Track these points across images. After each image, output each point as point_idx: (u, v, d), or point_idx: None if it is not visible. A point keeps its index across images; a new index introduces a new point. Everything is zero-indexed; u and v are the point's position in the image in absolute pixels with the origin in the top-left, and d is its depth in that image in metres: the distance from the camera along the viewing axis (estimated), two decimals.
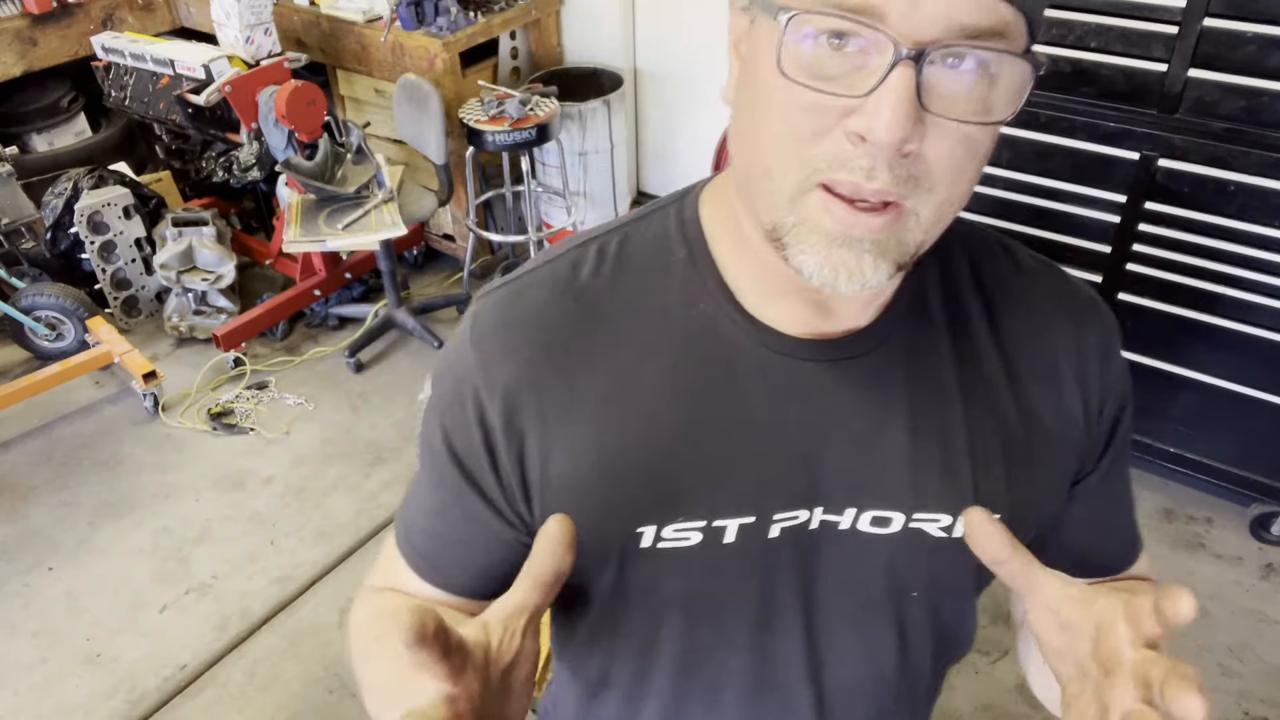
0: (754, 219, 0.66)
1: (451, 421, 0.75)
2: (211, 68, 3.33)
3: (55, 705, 2.28)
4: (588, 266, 0.75)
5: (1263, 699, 2.18)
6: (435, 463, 0.77)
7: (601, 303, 0.73)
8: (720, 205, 0.73)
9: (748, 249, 0.70)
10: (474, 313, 0.77)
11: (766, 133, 0.61)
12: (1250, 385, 2.34)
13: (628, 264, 0.74)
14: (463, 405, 0.74)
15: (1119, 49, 2.17)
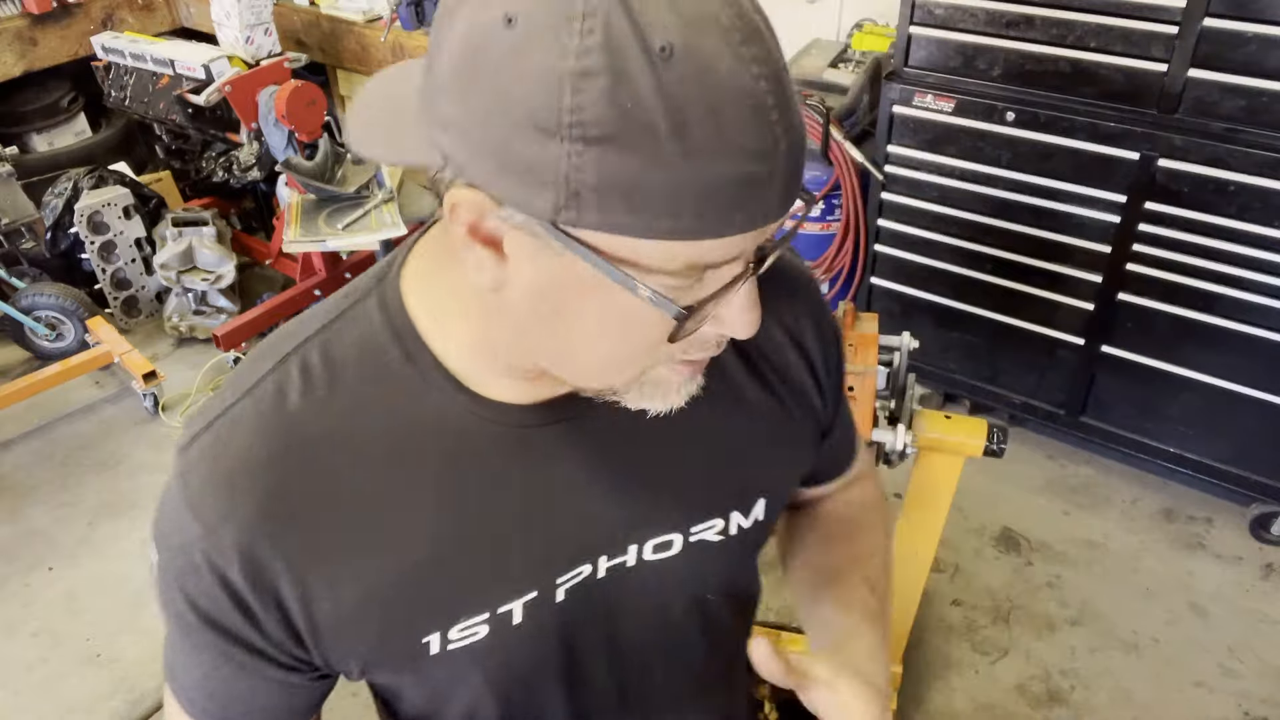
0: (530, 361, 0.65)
1: (194, 587, 0.69)
2: (211, 68, 3.33)
3: (55, 705, 2.28)
4: (295, 390, 0.68)
5: (1263, 699, 2.18)
6: (187, 629, 0.70)
7: (320, 428, 0.67)
8: (428, 291, 0.68)
9: (468, 335, 0.67)
10: (181, 472, 0.70)
11: (604, 347, 0.60)
12: (1250, 385, 2.34)
13: (339, 377, 0.68)
14: (198, 571, 0.68)
15: (1119, 49, 2.17)
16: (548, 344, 0.62)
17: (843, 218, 2.88)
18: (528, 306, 0.59)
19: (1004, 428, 1.55)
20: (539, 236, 0.54)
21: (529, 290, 0.58)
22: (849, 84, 2.81)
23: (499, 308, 0.61)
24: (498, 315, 0.62)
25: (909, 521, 1.75)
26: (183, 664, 0.74)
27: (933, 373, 2.87)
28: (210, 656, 0.71)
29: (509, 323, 0.62)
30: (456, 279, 0.65)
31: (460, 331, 0.67)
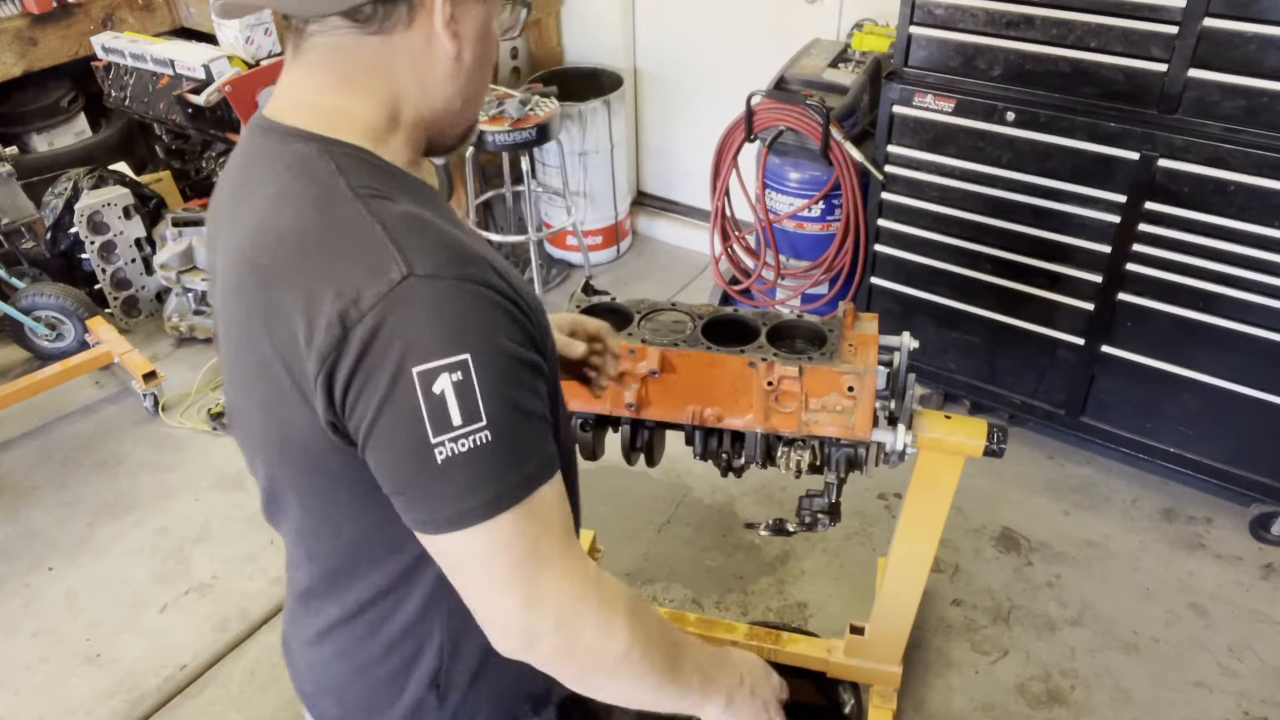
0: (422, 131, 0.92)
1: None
2: (211, 68, 3.32)
3: (55, 705, 2.28)
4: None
5: (1263, 699, 2.18)
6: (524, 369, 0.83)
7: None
8: (347, 126, 0.88)
9: (396, 134, 0.93)
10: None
11: (489, 70, 0.94)
12: (1250, 385, 2.34)
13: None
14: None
15: (1119, 49, 2.17)
16: (475, 84, 0.91)
17: (843, 218, 2.88)
18: (475, 56, 0.89)
19: (1004, 428, 1.55)
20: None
21: (474, 39, 0.88)
22: (849, 84, 2.81)
23: (454, 74, 0.88)
24: (454, 80, 0.89)
25: (909, 521, 1.75)
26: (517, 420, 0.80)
27: (933, 373, 2.87)
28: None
29: (457, 81, 0.89)
30: (386, 90, 0.87)
31: (388, 135, 0.89)
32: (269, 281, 0.80)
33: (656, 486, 2.80)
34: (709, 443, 1.58)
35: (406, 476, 0.79)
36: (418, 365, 0.74)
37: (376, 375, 0.75)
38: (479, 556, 0.80)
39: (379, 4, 0.82)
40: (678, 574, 2.53)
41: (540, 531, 0.81)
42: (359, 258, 0.76)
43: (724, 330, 1.53)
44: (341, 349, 0.75)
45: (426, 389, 0.74)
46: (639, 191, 4.10)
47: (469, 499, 0.78)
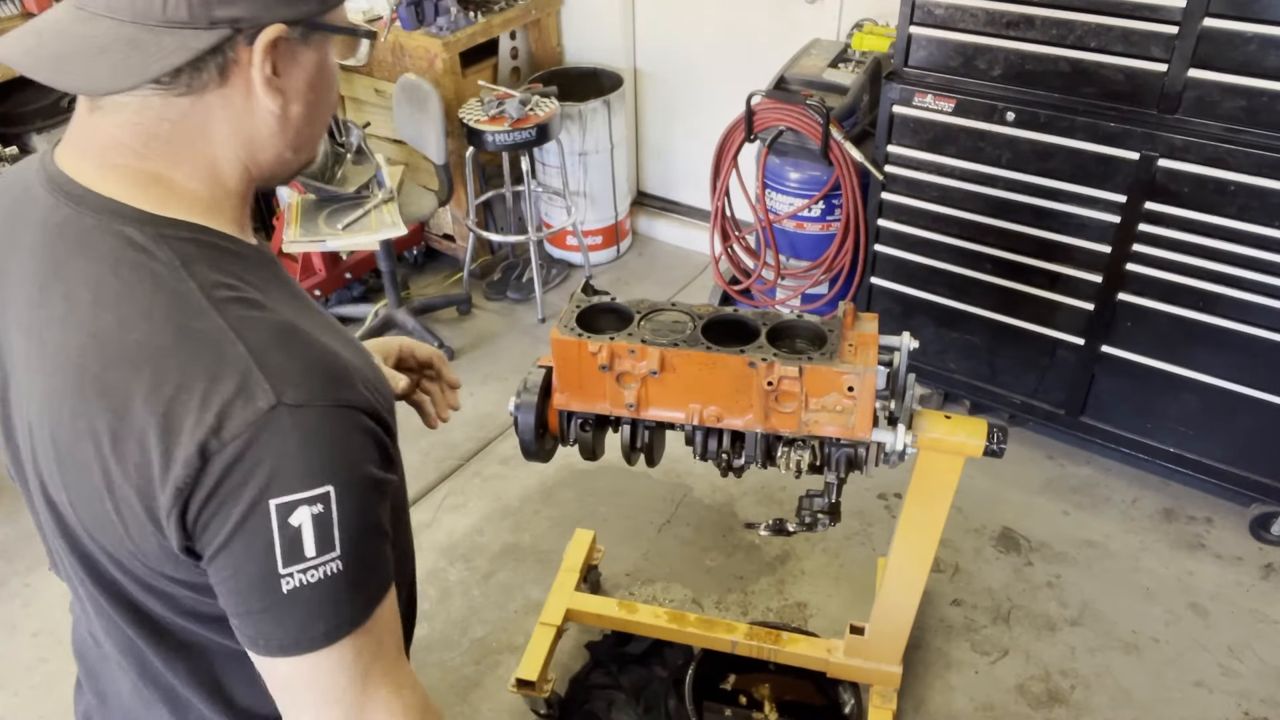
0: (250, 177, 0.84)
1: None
2: None
3: (55, 705, 2.28)
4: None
5: (1263, 699, 2.18)
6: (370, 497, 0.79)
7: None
8: (167, 192, 0.80)
9: (217, 193, 0.84)
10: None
11: (329, 110, 0.87)
12: (1250, 385, 2.34)
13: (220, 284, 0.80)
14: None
15: (1119, 49, 2.17)
16: (309, 130, 0.85)
17: (843, 218, 2.88)
18: (306, 105, 0.82)
19: (1004, 428, 1.55)
20: (308, 39, 0.79)
21: (304, 90, 0.81)
22: (849, 84, 2.81)
23: (282, 130, 0.81)
24: (283, 134, 0.82)
25: (909, 521, 1.75)
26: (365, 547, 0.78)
27: (933, 373, 2.87)
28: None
29: (286, 133, 0.82)
30: (206, 153, 0.80)
31: (218, 202, 0.82)
32: (117, 403, 0.73)
33: (656, 486, 2.80)
34: (709, 443, 1.58)
35: (249, 603, 0.75)
36: (277, 498, 0.71)
37: (231, 504, 0.71)
38: (311, 680, 0.78)
39: (182, 71, 0.74)
40: (678, 574, 2.53)
41: (376, 652, 0.79)
42: (221, 382, 0.71)
43: (724, 330, 1.53)
44: (199, 479, 0.71)
45: (283, 521, 0.71)
46: (639, 191, 4.10)
47: (311, 628, 0.75)
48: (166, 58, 0.73)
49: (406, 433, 2.92)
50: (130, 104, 0.75)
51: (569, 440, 1.64)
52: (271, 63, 0.77)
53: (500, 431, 3.03)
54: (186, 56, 0.73)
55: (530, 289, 3.62)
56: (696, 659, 2.14)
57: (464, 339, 3.48)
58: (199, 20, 0.72)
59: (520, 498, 2.80)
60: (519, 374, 3.30)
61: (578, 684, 2.25)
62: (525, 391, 1.62)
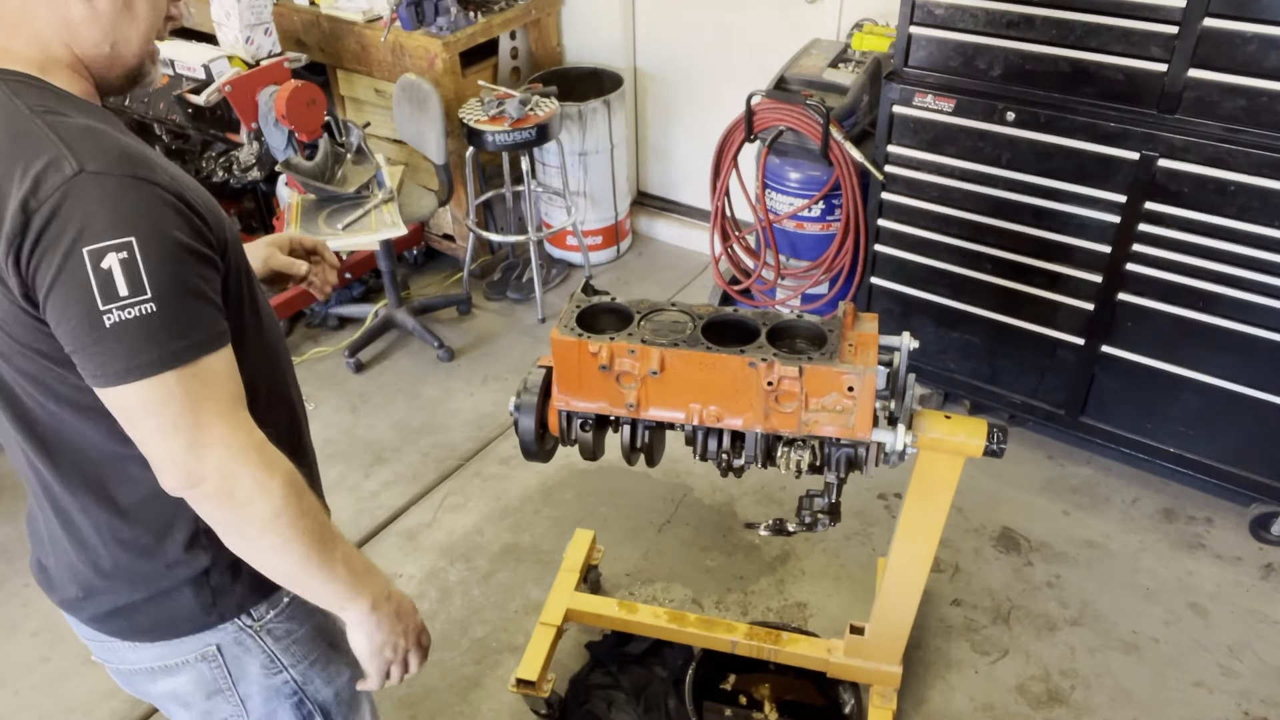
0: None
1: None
2: (211, 68, 3.32)
3: (55, 705, 2.28)
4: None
5: (1263, 699, 2.18)
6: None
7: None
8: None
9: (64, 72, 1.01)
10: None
11: (153, 14, 1.02)
12: (1250, 385, 2.34)
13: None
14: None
15: (1119, 49, 2.17)
16: (121, 32, 0.99)
17: (843, 218, 2.88)
18: (111, 3, 0.97)
19: (1004, 428, 1.55)
20: None
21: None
22: (849, 84, 2.81)
23: (91, 20, 0.97)
24: (95, 26, 0.98)
25: (909, 521, 1.75)
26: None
27: (933, 373, 2.87)
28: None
29: (105, 28, 0.98)
30: (31, 30, 0.97)
31: (51, 68, 0.99)
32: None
33: (656, 486, 2.80)
34: (709, 443, 1.58)
35: (80, 338, 0.90)
36: (87, 245, 0.87)
37: (52, 252, 0.88)
38: (147, 407, 0.92)
39: None
40: (678, 574, 2.53)
41: (205, 391, 0.94)
42: (36, 159, 0.89)
43: (724, 330, 1.53)
44: (25, 232, 0.88)
45: (95, 265, 0.87)
46: (639, 191, 4.10)
47: (137, 357, 0.90)
48: None
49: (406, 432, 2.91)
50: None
51: (569, 440, 1.64)
52: None
53: (500, 431, 3.03)
54: None
55: (530, 289, 3.62)
56: (696, 659, 2.14)
57: (464, 339, 3.48)
58: None
59: (520, 498, 2.80)
60: (519, 374, 3.31)
61: (578, 684, 2.25)
62: (525, 392, 1.62)
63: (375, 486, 2.87)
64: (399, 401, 3.20)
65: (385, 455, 2.98)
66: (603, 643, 2.32)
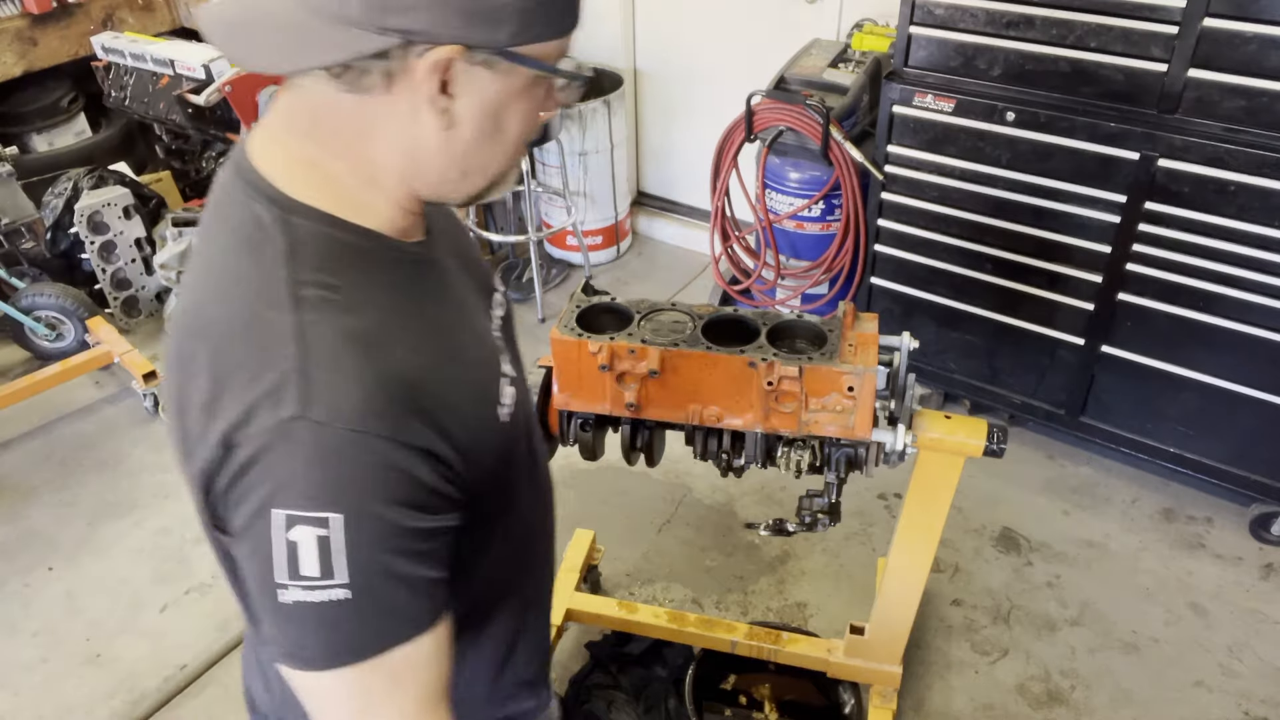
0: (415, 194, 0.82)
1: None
2: (211, 68, 3.33)
3: (55, 705, 2.28)
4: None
5: (1263, 699, 2.18)
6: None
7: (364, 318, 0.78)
8: (317, 186, 0.80)
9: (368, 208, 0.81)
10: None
11: (516, 144, 0.82)
12: (1250, 385, 2.34)
13: (344, 281, 0.78)
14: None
15: (1119, 49, 2.17)
16: (481, 158, 0.80)
17: (843, 218, 2.88)
18: (474, 130, 0.77)
19: (1004, 428, 1.55)
20: (493, 66, 0.74)
21: (477, 115, 0.76)
22: (849, 84, 2.81)
23: (445, 148, 0.77)
24: (445, 154, 0.78)
25: (909, 521, 1.75)
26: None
27: (933, 373, 2.87)
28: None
29: (451, 154, 0.78)
30: (363, 153, 0.78)
31: (366, 196, 0.80)
32: (185, 373, 0.77)
33: (656, 486, 2.80)
34: (709, 443, 1.58)
35: (258, 598, 0.76)
36: (280, 508, 0.70)
37: (244, 499, 0.72)
38: (310, 695, 0.77)
39: (348, 68, 0.72)
40: (678, 574, 2.53)
41: (389, 690, 0.76)
42: (262, 379, 0.71)
43: (724, 330, 1.53)
44: (220, 467, 0.73)
45: (284, 531, 0.70)
46: (639, 191, 4.10)
47: (306, 647, 0.74)
48: (328, 52, 0.71)
49: None
50: (306, 86, 0.76)
51: (569, 440, 1.64)
52: (442, 81, 0.73)
53: None
54: (348, 55, 0.71)
55: (530, 289, 3.62)
56: (696, 659, 2.14)
57: None
58: (369, 23, 0.69)
59: None
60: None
61: (578, 684, 2.25)
62: None
63: None
64: None
65: None
66: (603, 643, 2.32)
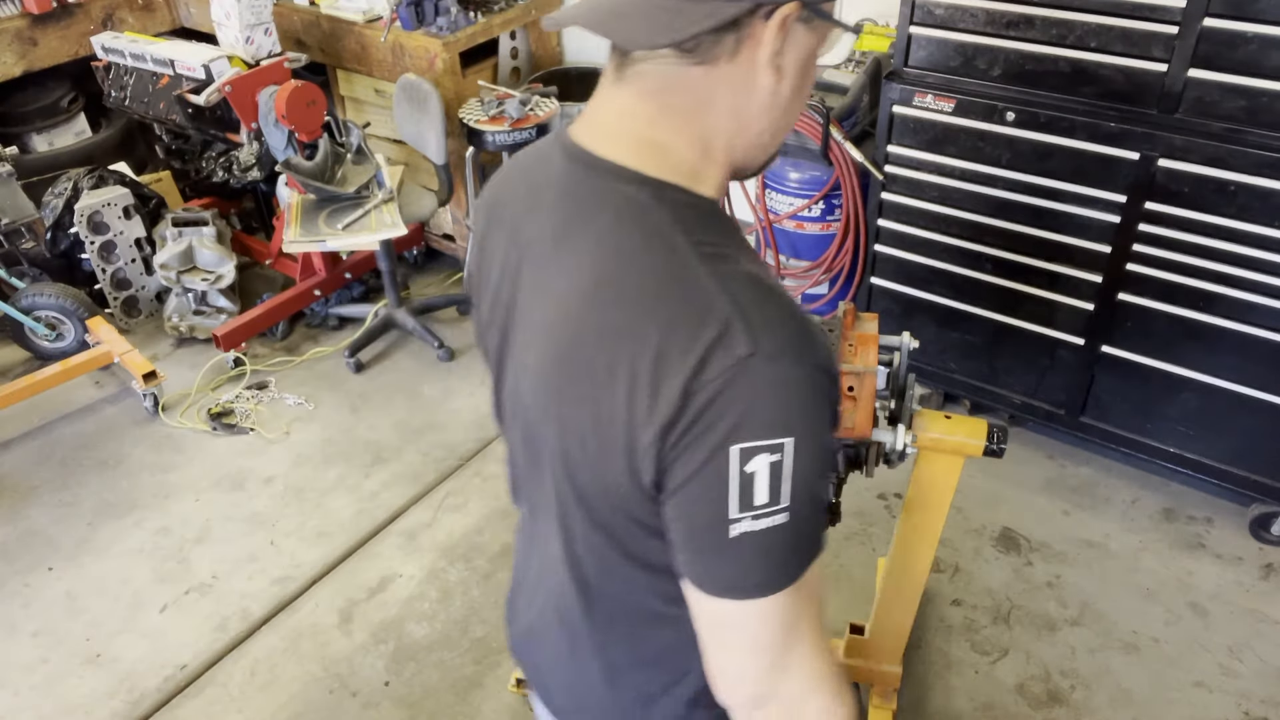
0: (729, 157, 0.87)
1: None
2: (211, 68, 3.33)
3: (55, 705, 2.28)
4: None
5: (1263, 699, 2.18)
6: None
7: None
8: (670, 156, 0.86)
9: (710, 165, 0.88)
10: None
11: (804, 101, 0.89)
12: (1250, 385, 2.34)
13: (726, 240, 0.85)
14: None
15: (1119, 49, 2.17)
16: (788, 116, 0.87)
17: (843, 218, 2.88)
18: (793, 88, 0.84)
19: (1004, 428, 1.55)
20: (809, 21, 0.81)
21: (795, 72, 0.83)
22: (849, 84, 2.81)
23: (770, 107, 0.84)
24: (768, 113, 0.85)
25: (909, 521, 1.75)
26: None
27: (933, 373, 2.87)
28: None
29: (770, 114, 0.85)
30: (703, 124, 0.84)
31: (702, 170, 0.86)
32: (611, 345, 0.79)
33: None
34: None
35: (698, 541, 0.81)
36: (740, 443, 0.75)
37: (699, 444, 0.76)
38: (743, 624, 0.83)
39: (704, 38, 0.79)
40: None
41: (801, 610, 0.84)
42: (705, 326, 0.75)
43: None
44: (679, 417, 0.76)
45: (741, 466, 0.75)
46: None
47: (751, 575, 0.80)
48: (696, 22, 0.78)
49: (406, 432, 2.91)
50: (650, 72, 0.83)
51: None
52: (780, 41, 0.80)
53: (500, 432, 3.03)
54: (712, 24, 0.78)
55: None
56: None
57: (464, 339, 3.48)
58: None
59: None
60: None
61: None
62: None
63: (375, 486, 2.87)
64: (399, 401, 3.20)
65: (385, 455, 2.98)
66: None
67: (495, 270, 0.95)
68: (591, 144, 0.87)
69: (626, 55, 0.85)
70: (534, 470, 0.96)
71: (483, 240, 0.99)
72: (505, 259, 0.93)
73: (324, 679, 2.31)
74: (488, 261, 0.97)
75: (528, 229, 0.91)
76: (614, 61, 0.87)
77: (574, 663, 1.05)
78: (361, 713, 2.23)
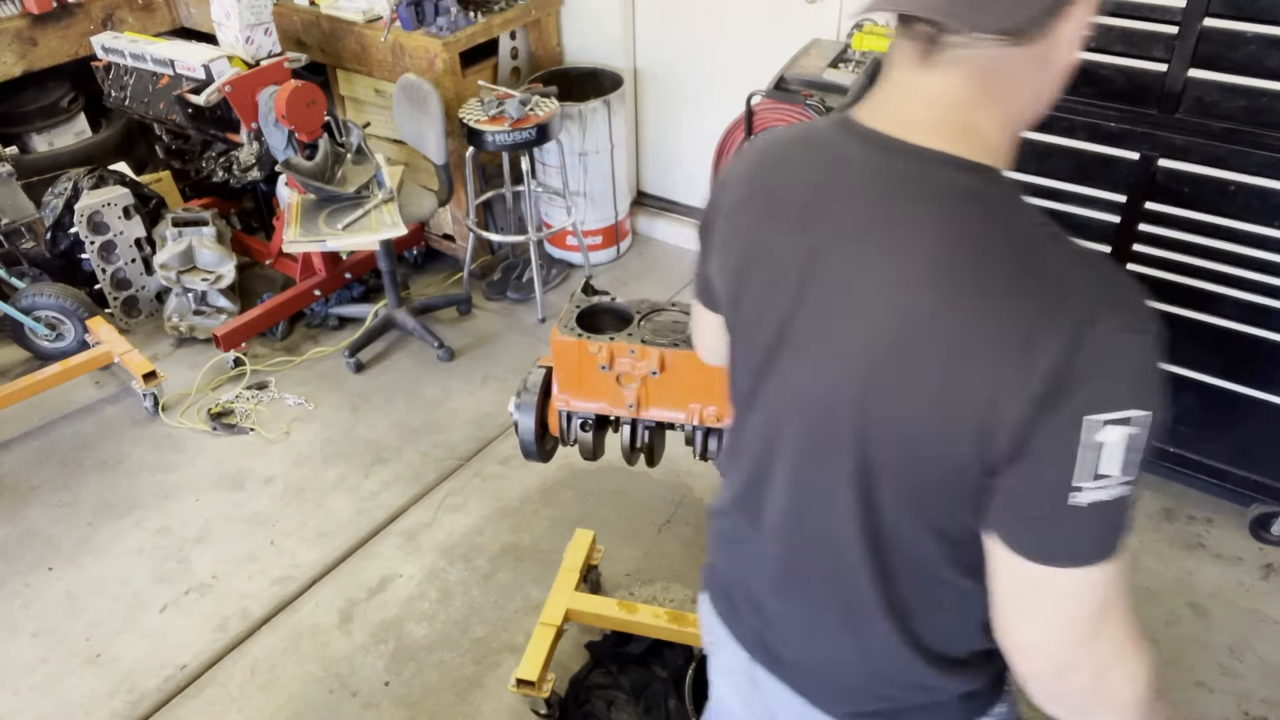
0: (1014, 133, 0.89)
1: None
2: (211, 68, 3.33)
3: (55, 705, 2.28)
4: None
5: (1263, 699, 2.18)
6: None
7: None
8: (984, 138, 0.87)
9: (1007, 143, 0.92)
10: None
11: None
12: (1250, 385, 2.34)
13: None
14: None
15: (1119, 49, 2.17)
16: (1062, 85, 0.90)
17: None
18: (1072, 58, 0.87)
19: None
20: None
21: (1078, 44, 0.86)
22: (849, 84, 2.80)
23: (1057, 81, 0.89)
24: (1056, 87, 0.89)
25: None
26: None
27: None
28: None
29: (1057, 85, 0.89)
30: (1011, 103, 0.86)
31: (1005, 151, 0.88)
32: (968, 325, 0.79)
33: (656, 486, 2.80)
34: (709, 443, 1.58)
35: (1031, 507, 0.80)
36: (1093, 413, 0.76)
37: (1054, 414, 0.76)
38: (1061, 594, 0.82)
39: (1037, 17, 0.80)
40: (678, 574, 2.53)
41: (1118, 584, 0.83)
42: (1075, 307, 0.77)
43: None
44: (1052, 392, 0.76)
45: (1090, 435, 0.76)
46: (639, 191, 4.10)
47: (1083, 546, 0.80)
48: (1039, 2, 0.79)
49: (406, 432, 2.91)
50: (970, 57, 0.82)
51: (569, 440, 1.64)
52: (1088, 12, 0.83)
53: (500, 431, 3.03)
54: (1054, 2, 0.80)
55: (530, 289, 3.62)
56: (696, 659, 2.14)
57: (464, 339, 3.48)
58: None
59: (520, 498, 2.80)
60: (519, 374, 3.30)
61: (578, 684, 2.25)
62: (525, 392, 1.63)
63: (375, 486, 2.87)
64: (399, 401, 3.20)
65: (385, 455, 2.98)
66: (603, 643, 2.32)
67: (753, 248, 0.97)
68: (894, 129, 0.86)
69: (935, 40, 0.82)
70: (819, 454, 0.94)
71: (734, 212, 1.03)
72: (783, 245, 0.92)
73: (324, 679, 2.31)
74: (733, 231, 1.02)
75: (823, 216, 0.89)
76: (919, 47, 0.84)
77: (858, 644, 1.01)
78: (361, 713, 2.23)
